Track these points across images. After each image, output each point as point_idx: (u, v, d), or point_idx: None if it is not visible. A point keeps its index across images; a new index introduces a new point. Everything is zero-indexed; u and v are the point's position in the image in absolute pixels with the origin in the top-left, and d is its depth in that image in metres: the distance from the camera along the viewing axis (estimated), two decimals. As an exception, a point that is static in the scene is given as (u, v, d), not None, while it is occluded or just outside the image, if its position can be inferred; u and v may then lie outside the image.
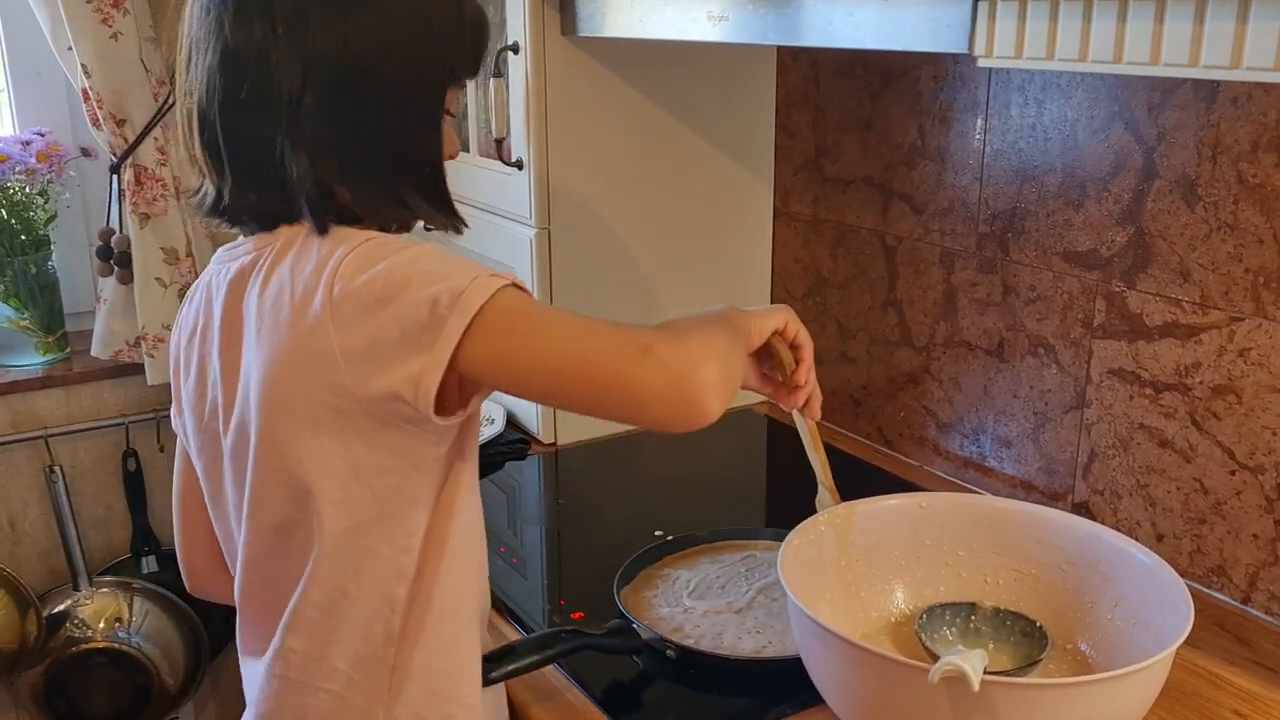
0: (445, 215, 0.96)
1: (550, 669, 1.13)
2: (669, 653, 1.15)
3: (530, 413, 1.72)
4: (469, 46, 0.94)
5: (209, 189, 0.93)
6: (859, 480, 1.59)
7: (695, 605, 1.24)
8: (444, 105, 0.94)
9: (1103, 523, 1.38)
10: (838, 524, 1.12)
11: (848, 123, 1.65)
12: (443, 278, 0.83)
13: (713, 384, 0.83)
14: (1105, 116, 1.30)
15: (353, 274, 0.84)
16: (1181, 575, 1.28)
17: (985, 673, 0.85)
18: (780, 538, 1.32)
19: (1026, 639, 1.08)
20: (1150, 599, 1.01)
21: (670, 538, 1.37)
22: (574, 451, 1.71)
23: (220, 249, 0.97)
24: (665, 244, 1.73)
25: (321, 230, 0.88)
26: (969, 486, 1.55)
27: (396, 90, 0.90)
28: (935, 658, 1.05)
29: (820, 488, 1.16)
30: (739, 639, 1.18)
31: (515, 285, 0.85)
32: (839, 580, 1.12)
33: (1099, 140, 1.31)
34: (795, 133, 1.75)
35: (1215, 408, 1.24)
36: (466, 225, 0.97)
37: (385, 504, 0.89)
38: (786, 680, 1.08)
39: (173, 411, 1.04)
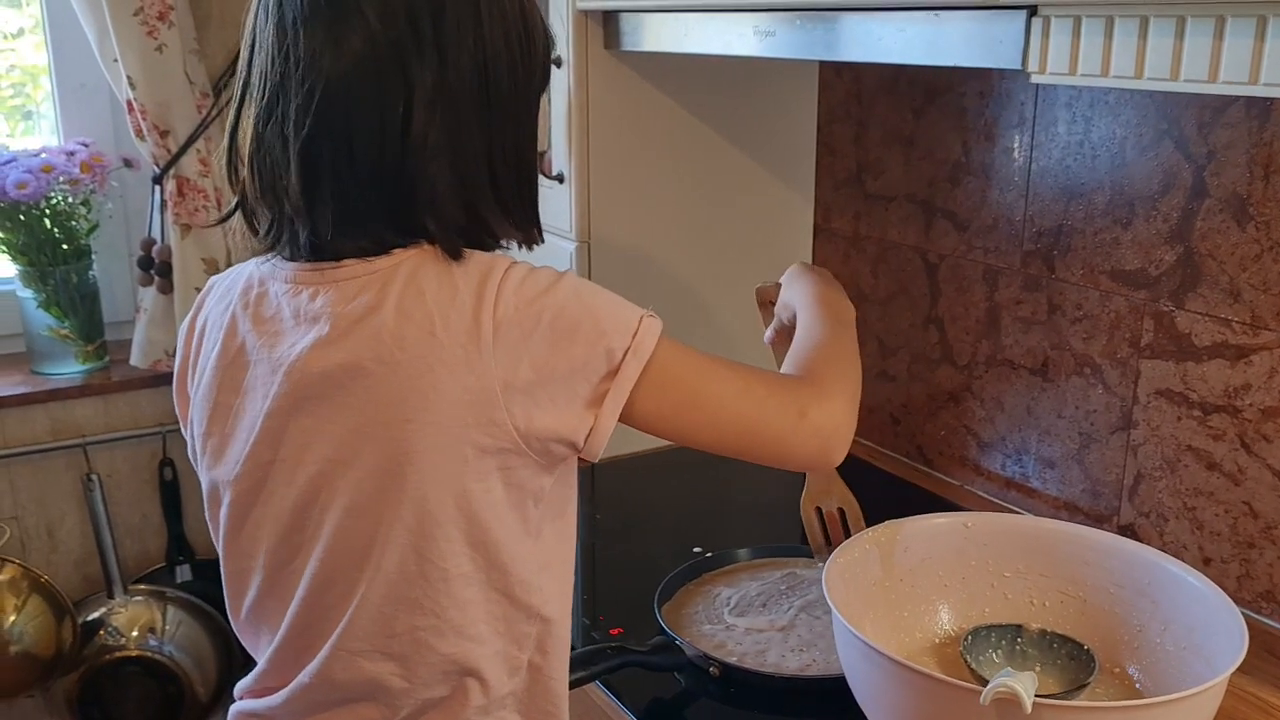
0: (535, 226, 0.92)
1: (592, 686, 1.12)
2: (712, 670, 1.14)
3: (567, 427, 1.72)
4: (549, 53, 0.92)
5: (300, 232, 0.84)
6: (899, 499, 1.58)
7: (737, 622, 1.23)
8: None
9: (1149, 545, 1.36)
10: (882, 543, 1.11)
11: (890, 139, 1.64)
12: (610, 316, 0.83)
13: (849, 435, 0.93)
14: (1154, 134, 1.29)
15: (513, 302, 0.81)
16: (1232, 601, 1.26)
17: (1036, 696, 0.84)
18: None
19: (1074, 662, 1.07)
20: (1201, 624, 1.00)
21: (710, 554, 1.36)
22: (612, 466, 1.70)
23: (258, 264, 0.89)
24: (705, 258, 1.73)
25: (456, 253, 0.84)
26: (1011, 507, 1.54)
27: (517, 100, 0.87)
28: (981, 679, 1.04)
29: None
30: (782, 657, 1.17)
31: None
32: (883, 600, 1.11)
33: (1148, 158, 1.30)
34: (837, 149, 1.74)
35: (1265, 430, 1.22)
36: (542, 240, 0.94)
37: (516, 539, 0.86)
38: (831, 699, 1.07)
39: (197, 431, 0.92)
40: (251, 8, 0.85)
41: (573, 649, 1.18)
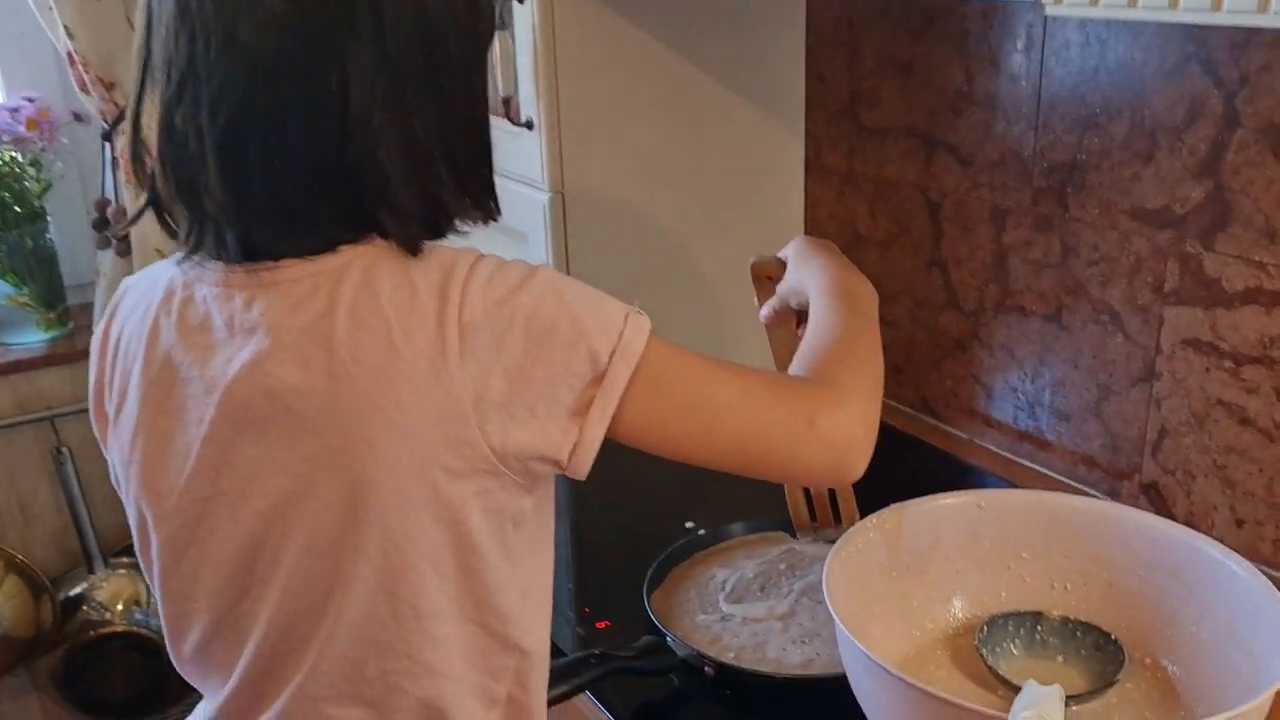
0: (493, 200, 0.80)
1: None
2: (707, 670, 1.05)
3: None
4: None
5: (226, 233, 0.73)
6: (900, 454, 1.48)
7: (733, 611, 1.14)
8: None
9: (1174, 506, 1.27)
10: (887, 529, 1.02)
11: (886, 67, 1.51)
12: (592, 313, 0.73)
13: (868, 448, 0.82)
14: (1179, 58, 1.16)
15: (481, 304, 0.71)
16: (1264, 565, 1.17)
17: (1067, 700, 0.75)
18: (821, 531, 1.22)
19: (1099, 653, 0.98)
20: (1244, 614, 0.90)
21: (702, 531, 1.27)
22: (598, 430, 1.60)
23: (179, 264, 0.76)
24: (689, 204, 1.61)
25: (414, 248, 0.73)
26: (1023, 462, 1.44)
27: (466, 61, 0.75)
28: (998, 676, 0.95)
29: None
30: (783, 650, 1.08)
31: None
32: (889, 590, 1.02)
33: (1172, 84, 1.17)
34: (828, 78, 1.61)
35: (1305, 383, 1.12)
36: (500, 215, 0.81)
37: (496, 568, 0.76)
38: (836, 699, 0.97)
39: (118, 458, 0.81)
40: None
41: (554, 654, 1.09)
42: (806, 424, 0.78)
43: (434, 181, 0.74)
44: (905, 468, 1.46)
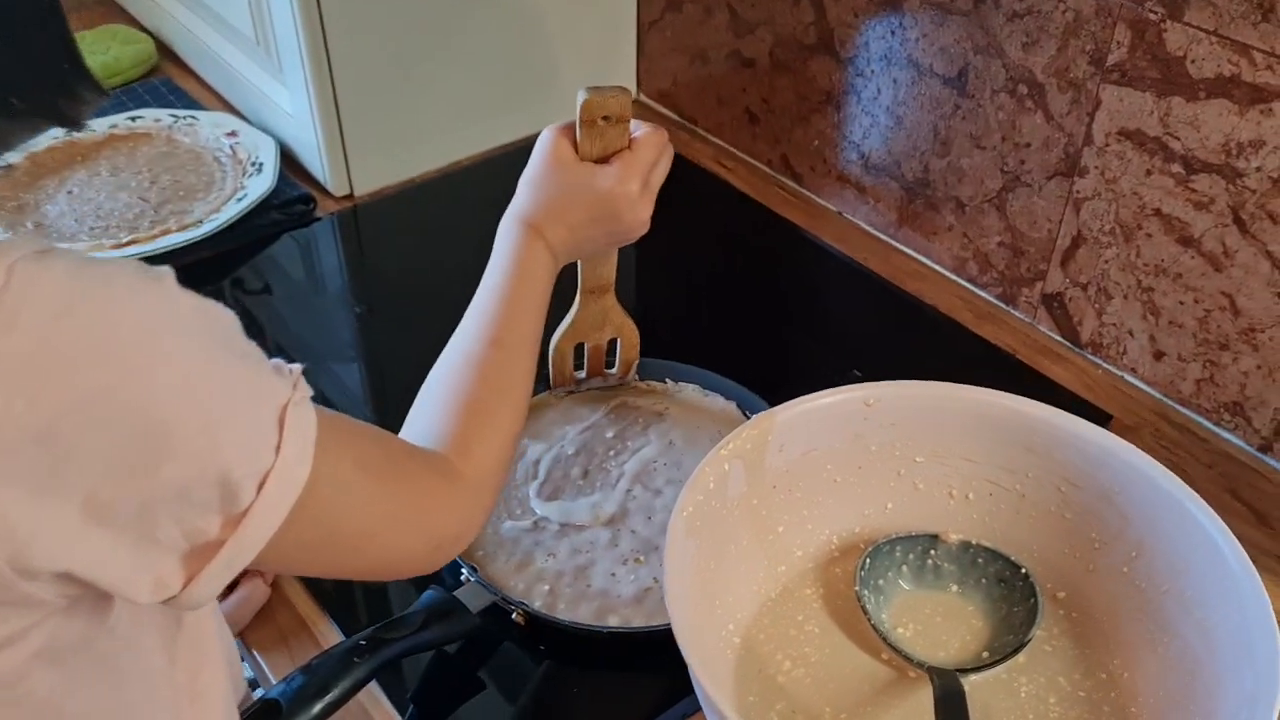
0: (80, 92, 0.47)
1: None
2: (515, 617, 0.82)
3: (313, 153, 1.25)
4: None
5: None
6: (755, 234, 1.21)
7: (548, 514, 0.89)
8: None
9: (1080, 323, 1.05)
10: (748, 451, 0.76)
11: None
12: (235, 400, 0.45)
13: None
14: None
15: (30, 382, 0.39)
16: (1184, 404, 0.99)
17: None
18: (675, 370, 0.99)
19: (1002, 587, 0.78)
20: (1196, 568, 0.70)
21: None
22: (380, 205, 1.26)
23: None
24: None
25: None
26: (903, 249, 1.19)
27: None
28: (881, 636, 0.75)
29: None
30: (612, 576, 0.85)
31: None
32: (748, 520, 0.78)
33: None
34: None
35: (1274, 207, 0.87)
36: (105, 94, 0.49)
37: None
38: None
39: None
40: None
41: (331, 606, 0.84)
42: (433, 550, 0.65)
43: None
44: (754, 255, 1.20)
